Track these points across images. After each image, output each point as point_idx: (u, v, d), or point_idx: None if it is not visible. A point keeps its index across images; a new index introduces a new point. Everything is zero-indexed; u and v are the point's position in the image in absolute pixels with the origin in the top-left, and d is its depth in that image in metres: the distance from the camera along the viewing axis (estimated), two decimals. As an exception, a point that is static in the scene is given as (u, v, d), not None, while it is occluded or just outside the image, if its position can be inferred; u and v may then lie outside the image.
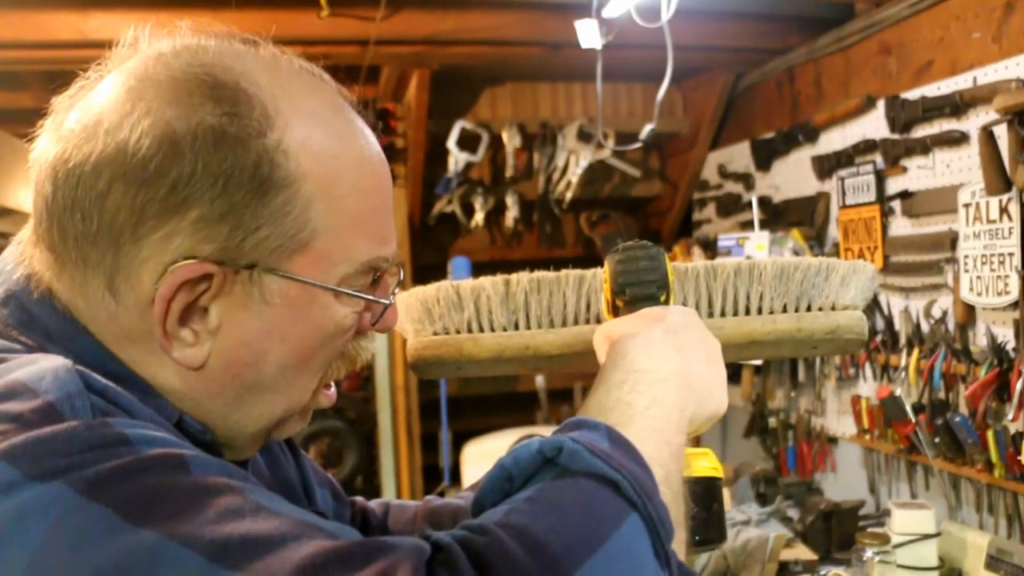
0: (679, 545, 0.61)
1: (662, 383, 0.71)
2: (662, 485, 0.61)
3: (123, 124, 0.62)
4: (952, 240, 2.17)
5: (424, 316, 0.96)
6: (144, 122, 0.61)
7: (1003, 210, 1.97)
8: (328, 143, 0.67)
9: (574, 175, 3.35)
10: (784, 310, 0.94)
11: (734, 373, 3.15)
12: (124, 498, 0.51)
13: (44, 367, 0.58)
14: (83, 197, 0.62)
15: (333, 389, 0.77)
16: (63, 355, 0.61)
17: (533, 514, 0.56)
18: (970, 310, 2.11)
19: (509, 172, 3.37)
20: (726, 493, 2.64)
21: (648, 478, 0.60)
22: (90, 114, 0.64)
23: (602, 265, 0.88)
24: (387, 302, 0.73)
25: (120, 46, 0.68)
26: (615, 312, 0.85)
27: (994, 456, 2.00)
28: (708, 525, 0.76)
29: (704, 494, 0.76)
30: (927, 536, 2.03)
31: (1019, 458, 1.91)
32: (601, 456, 0.59)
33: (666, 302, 0.84)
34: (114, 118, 0.62)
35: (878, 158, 2.46)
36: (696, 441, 0.84)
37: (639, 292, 0.83)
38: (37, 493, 0.51)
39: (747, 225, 3.08)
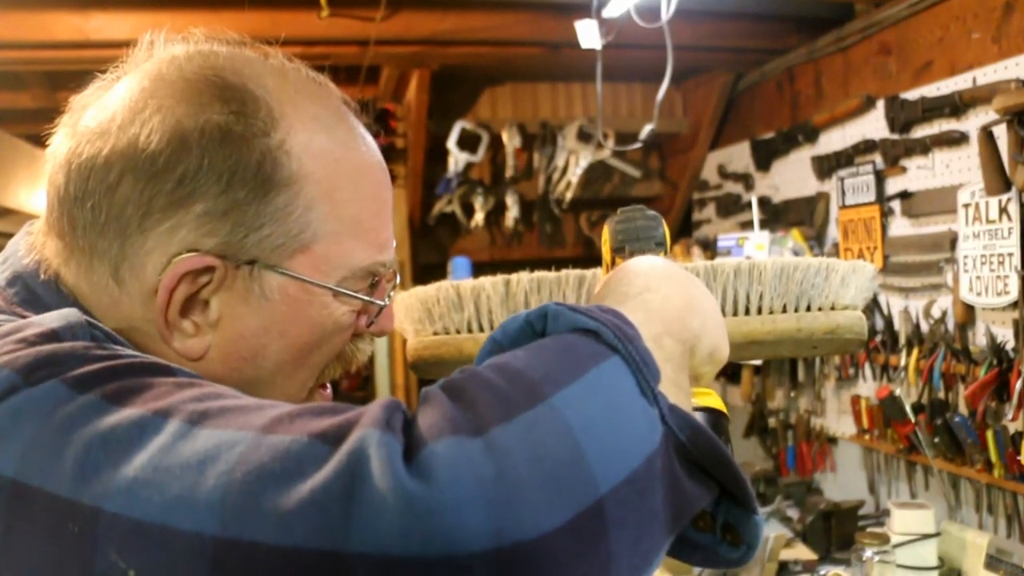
0: (679, 400, 0.60)
1: (661, 280, 0.68)
2: (650, 343, 0.59)
3: (135, 120, 0.64)
4: (952, 240, 2.17)
5: (424, 316, 0.96)
6: (155, 119, 0.64)
7: (1003, 210, 1.97)
8: (331, 147, 0.69)
9: (574, 175, 3.35)
10: (784, 310, 0.94)
11: (734, 373, 3.16)
12: (112, 389, 0.54)
13: (51, 313, 0.61)
14: (94, 189, 0.64)
15: (329, 390, 0.78)
16: None
17: (514, 355, 0.56)
18: (970, 310, 2.11)
19: (509, 172, 3.37)
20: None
21: (630, 328, 0.59)
22: (105, 112, 0.66)
23: (602, 265, 0.89)
24: (383, 303, 0.75)
25: (136, 50, 0.71)
26: None
27: (993, 456, 2.00)
28: None
29: (711, 421, 0.70)
30: (927, 536, 2.03)
31: (1018, 458, 1.91)
32: (582, 312, 0.58)
33: None
34: (127, 115, 0.65)
35: (878, 158, 2.46)
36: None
37: (638, 247, 0.81)
38: (33, 393, 0.54)
39: (747, 225, 3.09)
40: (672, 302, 0.67)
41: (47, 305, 0.67)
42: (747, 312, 0.94)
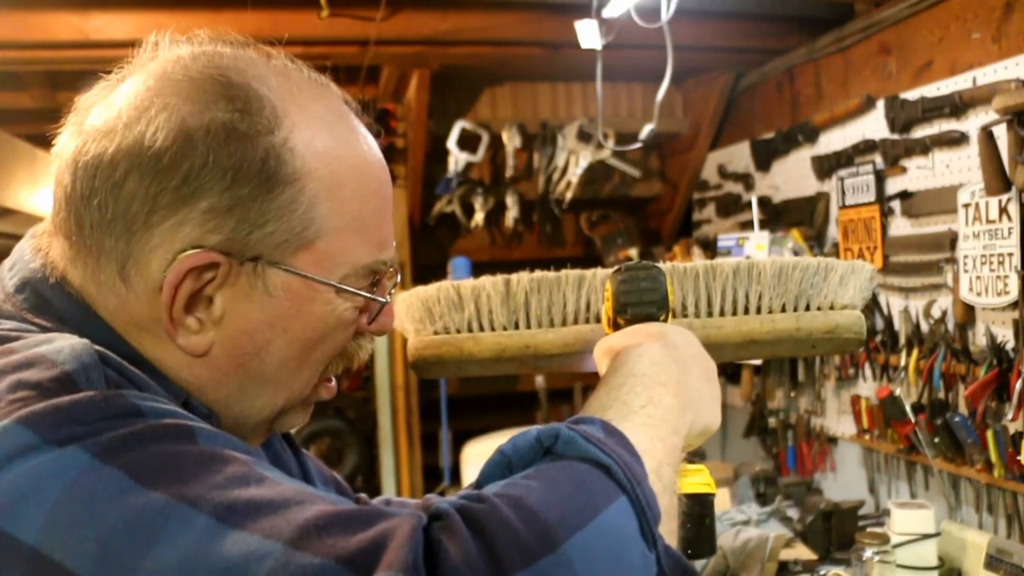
0: (669, 535, 0.64)
1: (660, 387, 0.74)
2: (652, 475, 0.64)
3: (140, 119, 0.65)
4: (952, 240, 2.17)
5: (425, 316, 0.96)
6: (160, 117, 0.65)
7: (1002, 210, 1.97)
8: (333, 145, 0.70)
9: (574, 175, 3.35)
10: (783, 310, 0.95)
11: (734, 373, 3.15)
12: (136, 462, 0.54)
13: (61, 343, 0.61)
14: (100, 187, 0.65)
15: (334, 382, 0.79)
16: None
17: (528, 487, 0.59)
18: (970, 310, 2.11)
19: (509, 172, 3.37)
20: (726, 493, 2.64)
21: (638, 465, 0.63)
22: (110, 111, 0.67)
23: (602, 265, 0.89)
24: (385, 300, 0.76)
25: (142, 51, 0.72)
26: (616, 329, 0.87)
27: (993, 456, 2.00)
28: (699, 540, 0.79)
29: (697, 510, 0.78)
30: (927, 536, 2.03)
31: (1018, 458, 1.91)
32: (595, 443, 0.62)
33: (665, 322, 0.87)
34: (132, 113, 0.65)
35: (878, 158, 2.46)
36: (691, 459, 0.85)
37: (640, 312, 0.86)
38: (54, 456, 0.53)
39: (747, 225, 3.09)
40: (672, 411, 0.73)
41: (56, 310, 0.67)
42: (747, 312, 0.94)
